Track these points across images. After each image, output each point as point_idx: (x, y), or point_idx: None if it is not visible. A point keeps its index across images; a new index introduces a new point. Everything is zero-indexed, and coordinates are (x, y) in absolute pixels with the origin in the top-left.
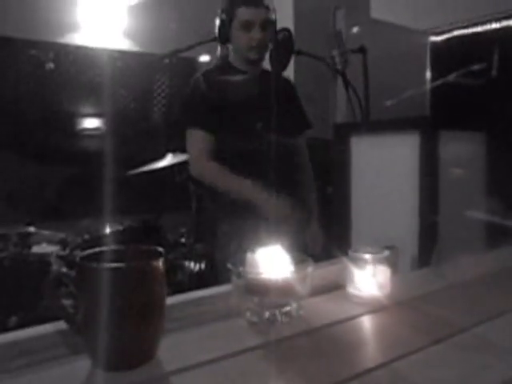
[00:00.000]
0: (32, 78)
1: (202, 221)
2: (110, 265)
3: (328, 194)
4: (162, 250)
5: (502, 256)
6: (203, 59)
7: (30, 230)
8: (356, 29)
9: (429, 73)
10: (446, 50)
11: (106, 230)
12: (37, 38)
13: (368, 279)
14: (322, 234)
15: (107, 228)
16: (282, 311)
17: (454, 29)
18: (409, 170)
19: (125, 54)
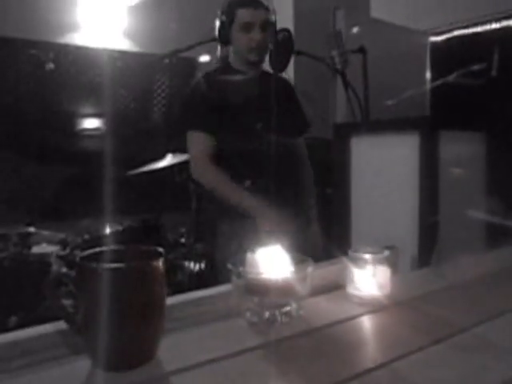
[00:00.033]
0: (32, 78)
1: (202, 221)
2: (110, 265)
3: (328, 194)
4: (162, 250)
5: (502, 256)
6: (203, 59)
7: (30, 230)
8: (356, 29)
9: (429, 73)
10: (445, 50)
11: (106, 230)
12: (37, 38)
13: (368, 279)
14: (322, 234)
15: (107, 228)
16: (281, 311)
17: (454, 29)
18: (409, 170)
19: (125, 54)
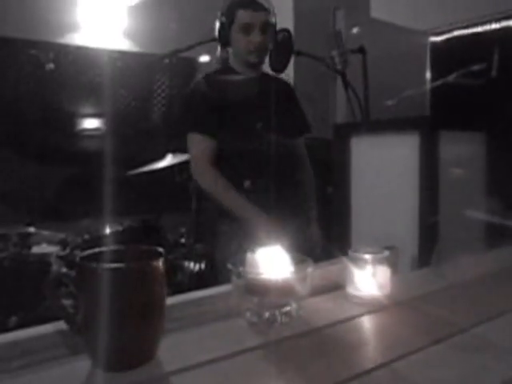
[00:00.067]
0: (32, 78)
1: (202, 221)
2: (110, 265)
3: (328, 193)
4: (162, 251)
5: (502, 256)
6: (203, 59)
7: (30, 230)
8: (356, 29)
9: (429, 73)
10: (445, 51)
11: (106, 231)
12: (37, 38)
13: (368, 279)
14: (322, 235)
15: (107, 228)
16: (281, 311)
17: (454, 29)
18: (409, 170)
19: (125, 55)
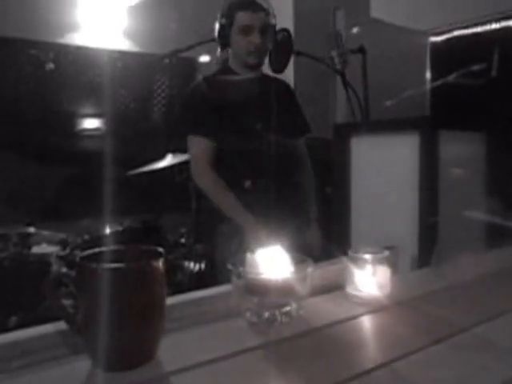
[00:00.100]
0: (32, 78)
1: (202, 221)
2: (110, 265)
3: (328, 194)
4: (162, 251)
5: (502, 256)
6: (203, 59)
7: (30, 230)
8: (356, 29)
9: (429, 73)
10: (445, 51)
11: (106, 231)
12: (37, 38)
13: (368, 279)
14: (322, 235)
15: (107, 228)
16: (281, 311)
17: (454, 29)
18: (409, 170)
19: (125, 55)
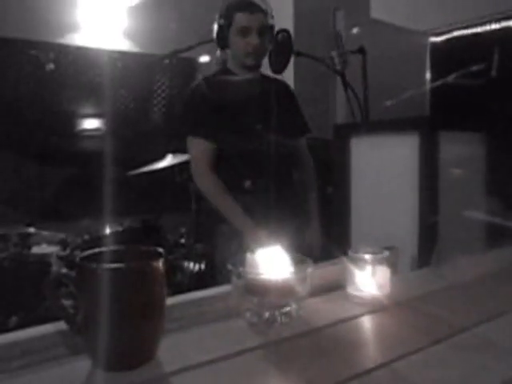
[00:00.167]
0: (32, 79)
1: (202, 221)
2: (110, 265)
3: (328, 194)
4: (162, 251)
5: (502, 256)
6: (203, 60)
7: (30, 230)
8: (356, 29)
9: (429, 73)
10: (445, 51)
11: (106, 231)
12: (37, 39)
13: (368, 279)
14: (322, 235)
15: (107, 228)
16: (281, 312)
17: (454, 29)
18: (409, 171)
19: (125, 55)
